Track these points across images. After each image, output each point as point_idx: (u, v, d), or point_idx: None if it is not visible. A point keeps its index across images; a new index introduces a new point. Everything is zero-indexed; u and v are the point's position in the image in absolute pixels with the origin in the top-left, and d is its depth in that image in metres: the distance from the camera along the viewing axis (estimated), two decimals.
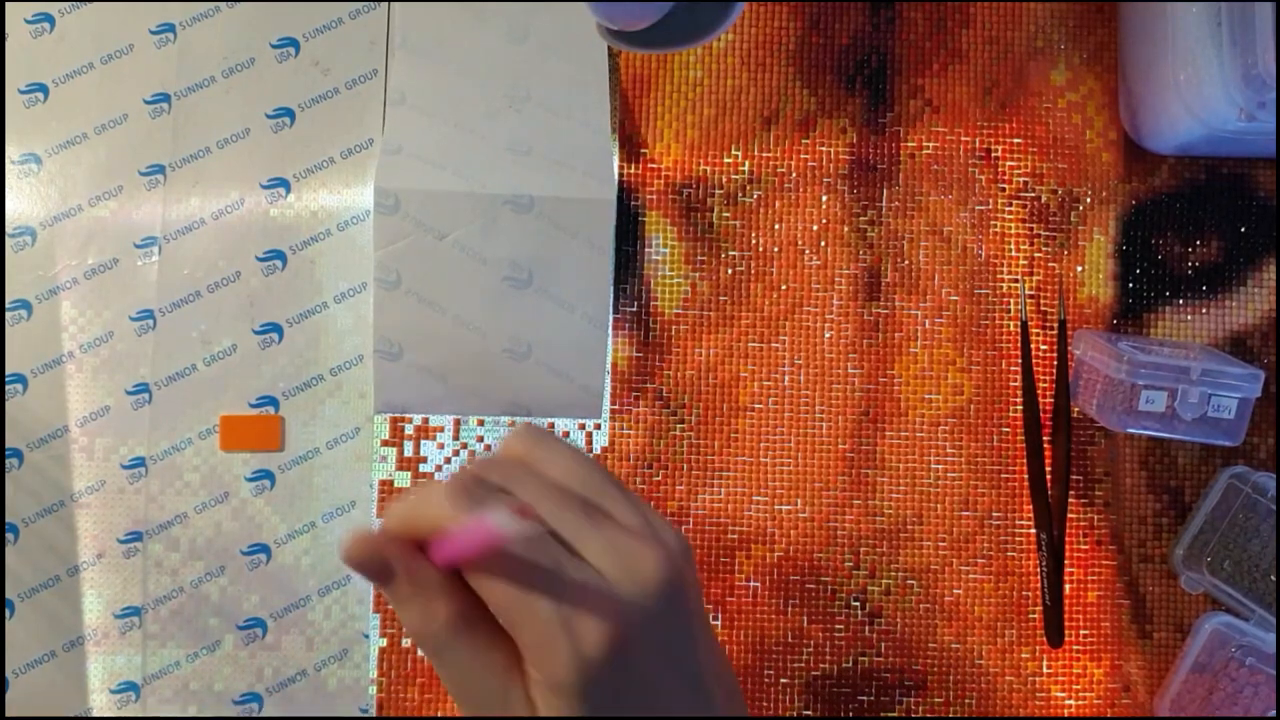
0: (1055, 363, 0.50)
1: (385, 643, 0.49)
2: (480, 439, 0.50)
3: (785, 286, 0.51)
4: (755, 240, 0.51)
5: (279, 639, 0.49)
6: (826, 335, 0.51)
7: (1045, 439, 0.49)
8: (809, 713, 0.50)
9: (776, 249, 0.51)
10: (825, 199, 0.51)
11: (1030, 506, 0.50)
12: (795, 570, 0.50)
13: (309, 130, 0.51)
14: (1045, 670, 0.50)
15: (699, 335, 0.51)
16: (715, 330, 0.51)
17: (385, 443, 0.50)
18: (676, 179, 0.51)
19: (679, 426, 0.50)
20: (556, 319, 0.46)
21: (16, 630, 0.49)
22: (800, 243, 0.51)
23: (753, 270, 0.51)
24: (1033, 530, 0.50)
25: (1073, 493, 0.50)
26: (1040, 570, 0.49)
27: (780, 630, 0.50)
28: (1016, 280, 0.51)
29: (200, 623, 0.49)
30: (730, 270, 0.51)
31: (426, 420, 0.50)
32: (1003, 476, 0.50)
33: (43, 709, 0.49)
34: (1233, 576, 0.48)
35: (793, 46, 0.52)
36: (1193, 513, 0.50)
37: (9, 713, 0.48)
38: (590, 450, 0.50)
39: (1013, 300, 0.51)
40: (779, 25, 0.52)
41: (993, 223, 0.51)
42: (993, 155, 0.52)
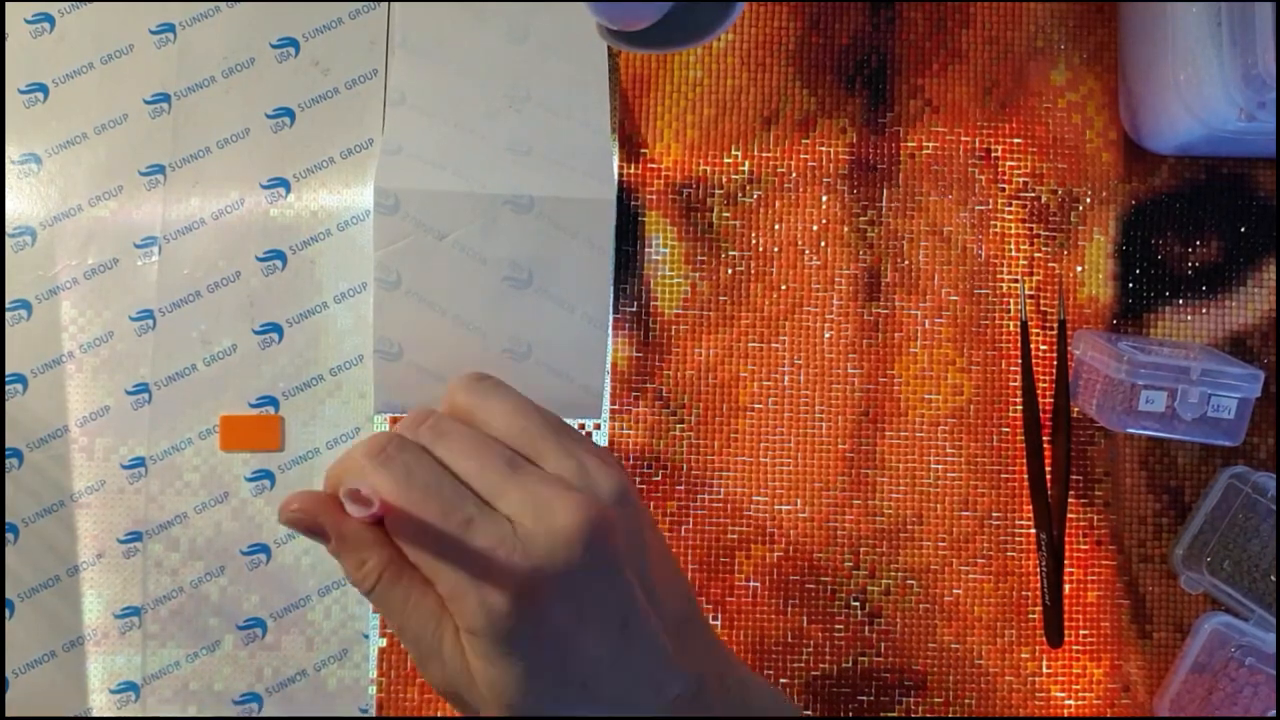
0: (1055, 363, 0.50)
1: (385, 643, 0.49)
2: None
3: (785, 286, 0.51)
4: (755, 240, 0.51)
5: (279, 639, 0.49)
6: (826, 335, 0.51)
7: (1045, 439, 0.49)
8: (809, 713, 0.50)
9: (776, 249, 0.51)
10: (825, 199, 0.51)
11: (1030, 506, 0.50)
12: (795, 570, 0.50)
13: (309, 130, 0.51)
14: (1045, 670, 0.50)
15: (699, 335, 0.51)
16: (715, 330, 0.51)
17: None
18: (676, 179, 0.51)
19: (679, 426, 0.50)
20: (556, 319, 0.46)
21: (16, 630, 0.49)
22: (800, 243, 0.51)
23: (753, 270, 0.51)
24: (1033, 530, 0.50)
25: (1073, 493, 0.50)
26: (1040, 570, 0.49)
27: (780, 630, 0.50)
28: (1016, 280, 0.51)
29: (200, 623, 0.49)
30: (730, 270, 0.51)
31: None
32: (1003, 476, 0.50)
33: (43, 709, 0.49)
34: (1232, 576, 0.48)
35: (793, 46, 0.52)
36: (1193, 513, 0.50)
37: (9, 713, 0.48)
38: None
39: (1013, 300, 0.51)
40: (779, 25, 0.52)
41: (993, 223, 0.51)
42: (993, 155, 0.52)
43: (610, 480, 0.34)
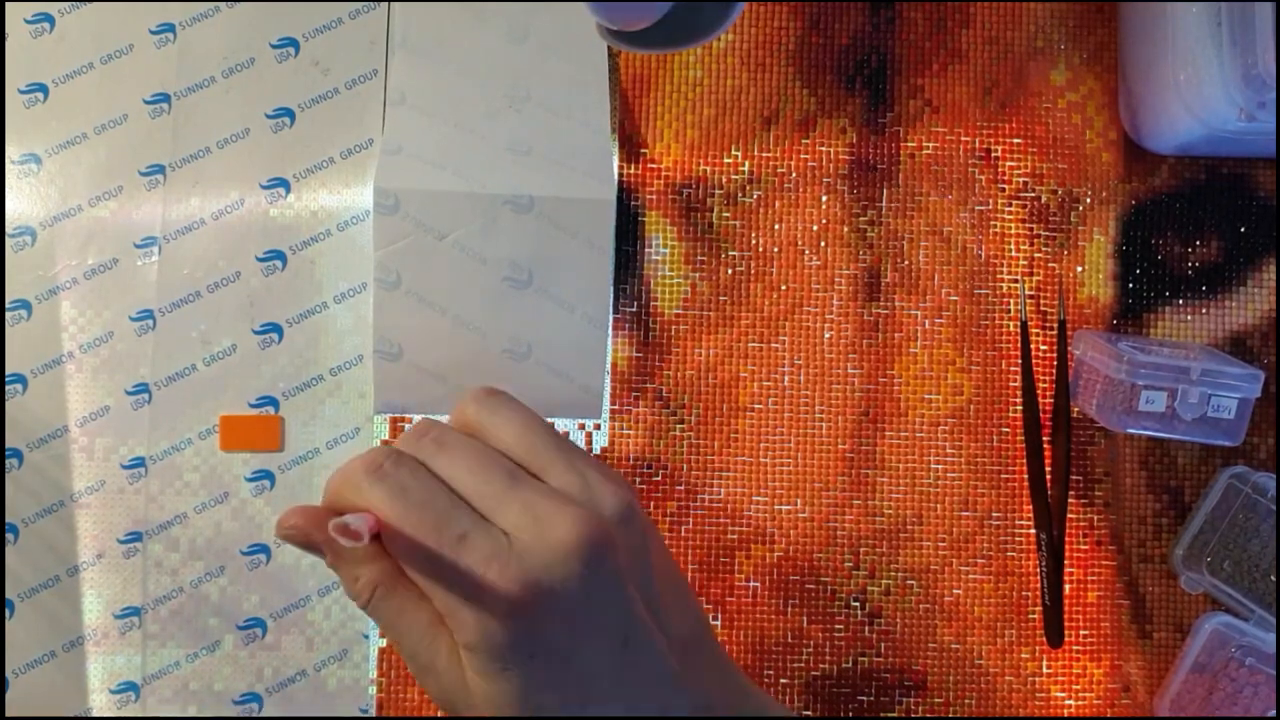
0: (1055, 363, 0.50)
1: (385, 643, 0.49)
2: None
3: (785, 287, 0.51)
4: (755, 240, 0.51)
5: (279, 639, 0.49)
6: (826, 335, 0.51)
7: (1045, 439, 0.49)
8: (809, 713, 0.50)
9: (776, 249, 0.51)
10: (825, 199, 0.51)
11: (1030, 506, 0.50)
12: (795, 570, 0.50)
13: (309, 130, 0.51)
14: (1045, 670, 0.50)
15: (699, 335, 0.51)
16: (715, 330, 0.51)
17: (385, 443, 0.50)
18: (676, 179, 0.51)
19: (679, 427, 0.50)
20: (556, 319, 0.46)
21: (16, 630, 0.49)
22: (800, 243, 0.51)
23: (753, 270, 0.51)
24: (1033, 530, 0.50)
25: (1072, 493, 0.50)
26: (1040, 570, 0.49)
27: (780, 630, 0.50)
28: (1016, 280, 0.51)
29: (200, 623, 0.49)
30: (730, 270, 0.51)
31: None
32: (1002, 476, 0.50)
33: (43, 709, 0.49)
34: (1232, 576, 0.48)
35: (793, 46, 0.52)
36: (1193, 513, 0.50)
37: (9, 713, 0.48)
38: (590, 450, 0.50)
39: (1013, 300, 0.51)
40: (779, 25, 0.52)
41: (993, 223, 0.51)
42: (993, 155, 0.52)
43: (614, 497, 0.33)
